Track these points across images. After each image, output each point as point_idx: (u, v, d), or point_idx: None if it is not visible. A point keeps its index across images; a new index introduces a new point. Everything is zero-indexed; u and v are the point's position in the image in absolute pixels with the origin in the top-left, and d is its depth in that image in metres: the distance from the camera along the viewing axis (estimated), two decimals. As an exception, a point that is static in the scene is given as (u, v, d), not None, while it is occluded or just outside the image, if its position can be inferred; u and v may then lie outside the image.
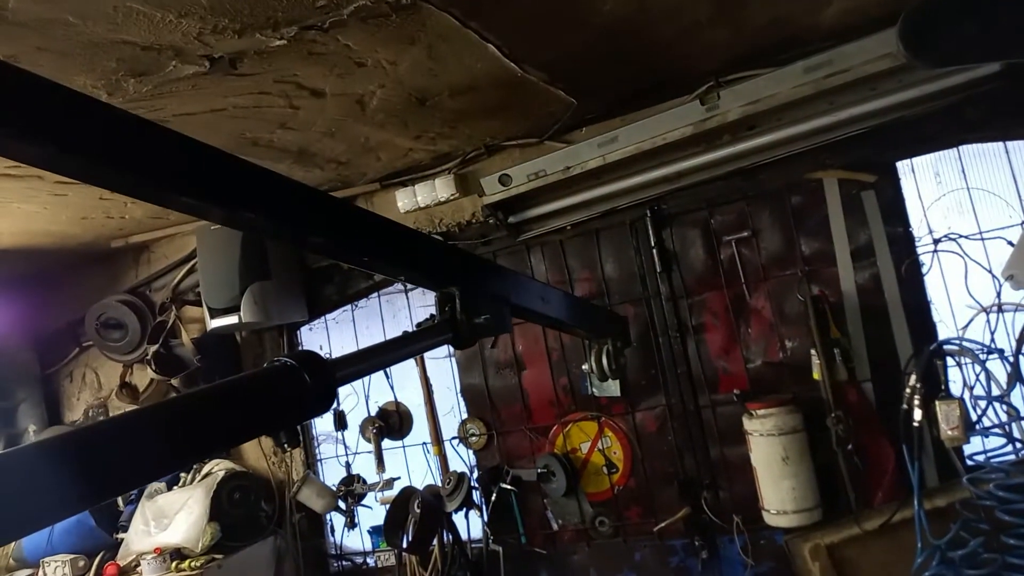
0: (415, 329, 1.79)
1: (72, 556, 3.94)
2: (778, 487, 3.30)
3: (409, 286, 4.20)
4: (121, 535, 4.08)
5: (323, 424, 4.43)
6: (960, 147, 3.31)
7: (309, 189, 1.53)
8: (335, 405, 1.34)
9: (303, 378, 1.26)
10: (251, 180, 1.31)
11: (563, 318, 2.46)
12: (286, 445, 1.32)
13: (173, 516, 3.92)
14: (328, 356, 4.61)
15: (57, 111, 0.99)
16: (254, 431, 1.70)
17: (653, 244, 3.70)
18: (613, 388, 3.78)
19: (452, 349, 3.82)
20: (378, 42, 2.40)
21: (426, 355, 4.07)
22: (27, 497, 0.87)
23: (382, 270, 1.78)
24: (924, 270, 3.34)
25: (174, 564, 3.78)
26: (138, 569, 3.86)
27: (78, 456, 0.95)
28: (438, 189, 3.93)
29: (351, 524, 4.11)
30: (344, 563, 4.39)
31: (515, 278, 2.10)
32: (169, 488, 4.17)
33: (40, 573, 3.95)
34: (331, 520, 4.42)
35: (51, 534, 4.03)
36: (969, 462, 3.16)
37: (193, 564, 3.73)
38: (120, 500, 4.22)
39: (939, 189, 3.38)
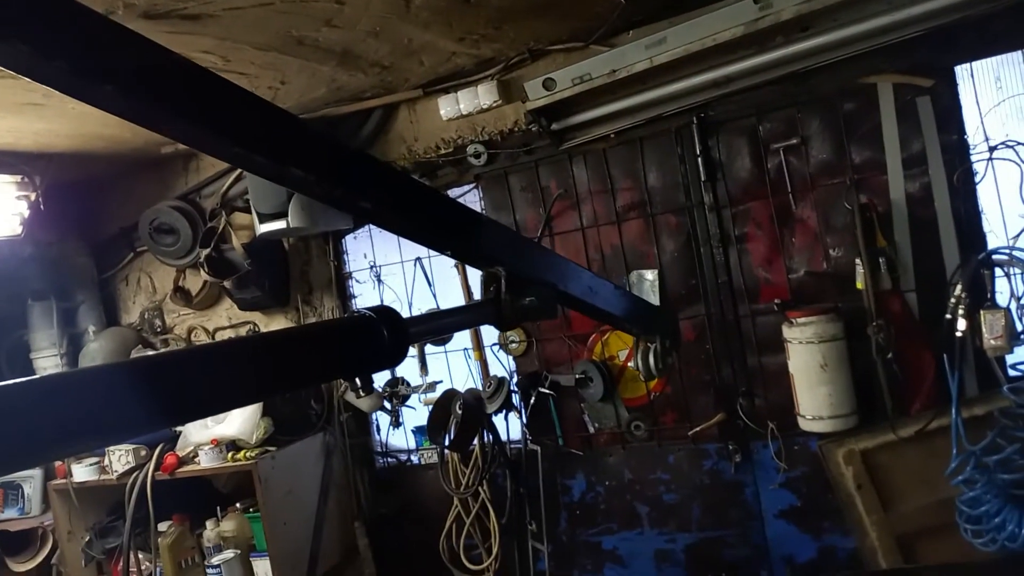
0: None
1: (135, 446, 4.17)
2: (814, 393, 3.33)
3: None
4: (180, 427, 4.31)
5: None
6: (1026, 50, 3.18)
7: (364, 155, 1.54)
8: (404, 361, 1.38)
9: (381, 331, 1.29)
10: (305, 139, 1.30)
11: (611, 311, 2.39)
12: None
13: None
14: (374, 264, 4.61)
15: (122, 54, 0.96)
16: (331, 375, 1.76)
17: (699, 152, 3.65)
18: None
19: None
20: (425, -70, 2.37)
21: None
22: (117, 411, 0.91)
23: (428, 243, 1.77)
24: (977, 179, 3.26)
25: (230, 455, 4.00)
26: (196, 459, 4.09)
27: (168, 378, 0.98)
28: (480, 96, 3.91)
29: (396, 423, 4.27)
30: (389, 460, 4.59)
31: (564, 264, 2.05)
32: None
33: (106, 460, 4.21)
34: (377, 419, 4.60)
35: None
36: (1012, 372, 3.15)
37: (248, 455, 3.93)
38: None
39: (999, 94, 3.26)
